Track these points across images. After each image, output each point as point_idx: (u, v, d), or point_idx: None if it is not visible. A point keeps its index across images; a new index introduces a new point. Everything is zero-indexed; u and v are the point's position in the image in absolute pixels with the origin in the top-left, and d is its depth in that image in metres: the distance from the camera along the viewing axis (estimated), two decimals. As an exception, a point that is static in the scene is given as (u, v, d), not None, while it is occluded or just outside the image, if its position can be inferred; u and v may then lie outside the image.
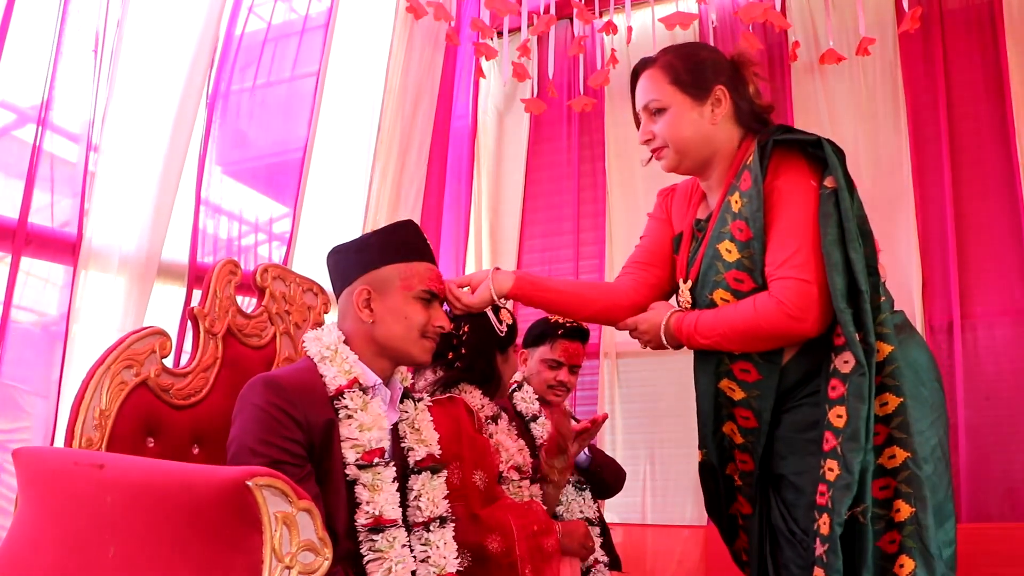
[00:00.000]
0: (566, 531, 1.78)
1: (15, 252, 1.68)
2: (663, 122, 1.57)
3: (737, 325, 1.46)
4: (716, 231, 1.53)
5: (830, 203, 1.41)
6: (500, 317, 1.84)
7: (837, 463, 1.34)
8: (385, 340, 1.46)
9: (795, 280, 1.39)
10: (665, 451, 3.18)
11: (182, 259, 2.13)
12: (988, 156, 2.87)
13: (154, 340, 1.45)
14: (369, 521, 1.34)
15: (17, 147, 1.74)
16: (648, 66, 1.61)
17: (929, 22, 2.96)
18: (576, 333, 2.28)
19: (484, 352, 1.83)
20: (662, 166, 1.62)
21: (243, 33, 2.36)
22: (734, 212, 1.49)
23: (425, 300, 1.49)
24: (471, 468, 1.65)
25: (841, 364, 1.39)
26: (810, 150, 1.47)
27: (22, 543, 1.16)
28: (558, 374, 2.24)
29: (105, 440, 1.32)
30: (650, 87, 1.59)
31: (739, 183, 1.50)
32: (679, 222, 1.71)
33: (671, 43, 1.70)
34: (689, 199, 1.71)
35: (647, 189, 3.38)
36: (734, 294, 1.48)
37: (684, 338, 1.54)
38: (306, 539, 1.01)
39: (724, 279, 1.49)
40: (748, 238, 1.46)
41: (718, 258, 1.51)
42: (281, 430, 1.28)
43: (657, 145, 1.59)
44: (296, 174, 2.60)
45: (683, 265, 1.62)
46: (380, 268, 1.48)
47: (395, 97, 3.02)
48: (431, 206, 3.29)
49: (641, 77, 1.62)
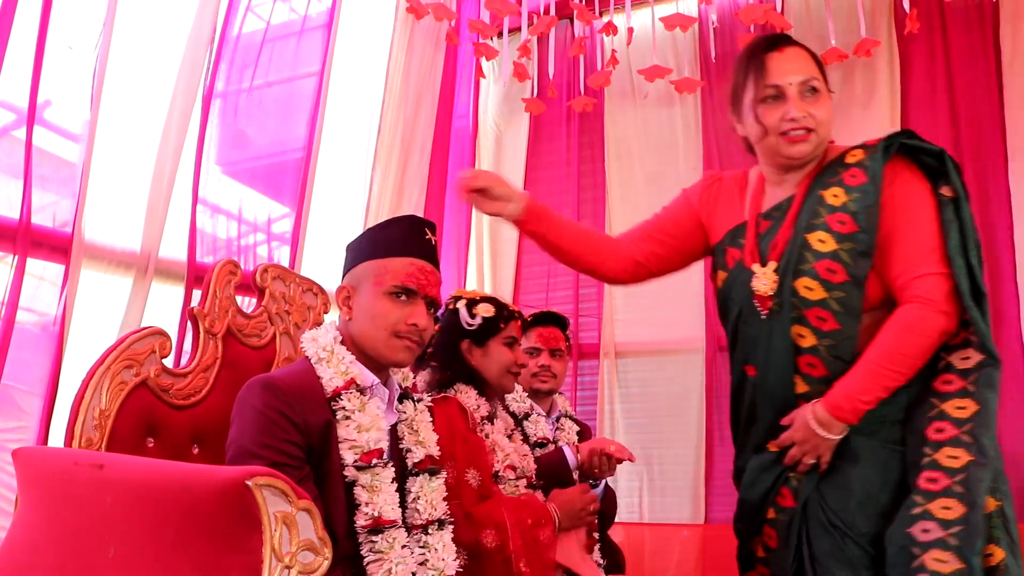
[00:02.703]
0: (564, 510, 1.76)
1: (20, 253, 1.68)
2: (819, 105, 1.51)
3: (900, 351, 1.42)
4: (804, 221, 1.51)
5: (950, 210, 1.45)
6: (474, 312, 1.84)
7: (964, 450, 1.37)
8: (359, 339, 1.44)
9: (938, 275, 1.42)
10: (664, 451, 3.18)
11: (182, 259, 2.13)
12: (988, 156, 2.87)
13: (154, 340, 1.45)
14: (368, 522, 1.33)
15: (17, 147, 1.74)
16: (793, 43, 1.55)
17: (929, 22, 2.97)
18: (546, 318, 2.32)
19: (449, 346, 1.83)
20: (795, 151, 1.52)
21: (240, 33, 2.36)
22: (831, 205, 1.48)
23: (397, 296, 1.42)
24: (464, 467, 1.64)
25: (958, 361, 1.43)
26: (926, 159, 1.49)
27: (22, 543, 1.16)
28: (538, 360, 2.26)
29: (105, 440, 1.32)
30: (809, 65, 1.52)
31: (840, 178, 1.50)
32: (727, 213, 1.67)
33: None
34: (741, 190, 1.68)
35: (647, 189, 3.39)
36: (823, 284, 1.47)
37: (848, 410, 1.43)
38: (306, 539, 1.01)
39: (812, 268, 1.47)
40: (853, 231, 1.45)
41: (807, 248, 1.49)
42: (279, 432, 1.28)
43: (808, 126, 1.50)
44: (296, 174, 2.60)
45: (752, 251, 1.58)
46: (360, 265, 1.47)
47: (396, 97, 3.02)
48: (433, 206, 3.29)
49: (792, 51, 1.53)
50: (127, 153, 1.99)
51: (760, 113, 1.52)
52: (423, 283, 1.44)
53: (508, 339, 1.86)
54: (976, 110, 2.91)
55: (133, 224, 1.99)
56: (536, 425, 2.09)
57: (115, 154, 1.96)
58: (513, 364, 1.87)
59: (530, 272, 3.53)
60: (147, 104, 2.05)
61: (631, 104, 3.48)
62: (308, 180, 2.59)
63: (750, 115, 1.55)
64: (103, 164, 1.91)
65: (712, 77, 3.31)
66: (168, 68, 2.10)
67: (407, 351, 1.44)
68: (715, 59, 3.15)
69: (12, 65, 1.68)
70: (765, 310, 1.53)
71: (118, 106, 1.96)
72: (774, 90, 1.50)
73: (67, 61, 1.85)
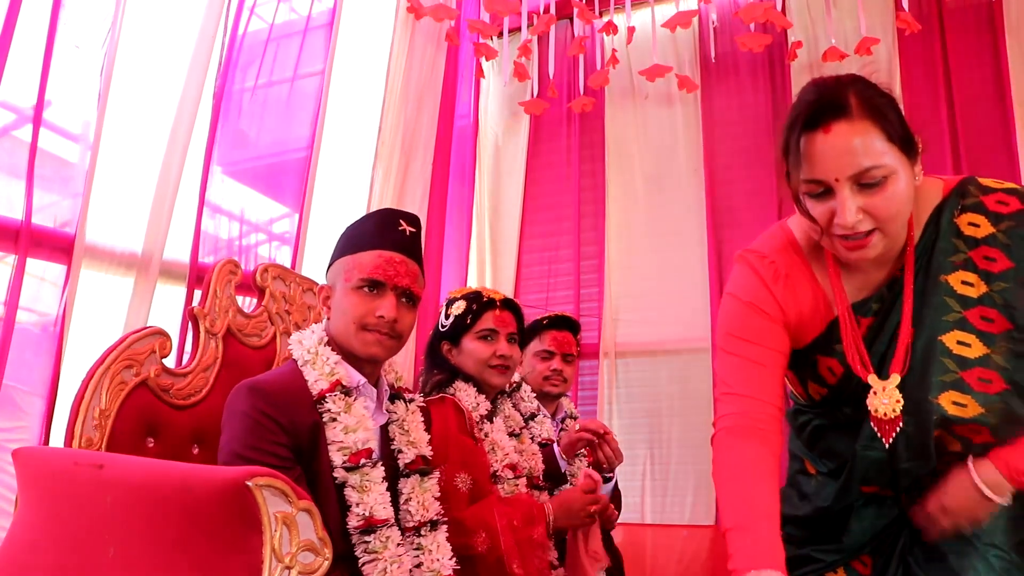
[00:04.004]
0: (561, 508, 1.73)
1: (21, 253, 1.68)
2: (885, 195, 1.12)
3: None
4: (931, 320, 1.19)
5: None
6: (448, 312, 1.86)
7: None
8: (336, 337, 1.44)
9: None
10: (665, 451, 3.18)
11: (183, 259, 2.13)
12: (988, 157, 2.87)
13: (154, 340, 1.45)
14: (360, 523, 1.32)
15: (17, 147, 1.74)
16: (844, 115, 1.11)
17: (929, 22, 2.97)
18: (562, 322, 2.32)
19: (434, 348, 1.88)
20: (855, 257, 1.18)
21: (244, 33, 2.36)
22: (966, 297, 1.18)
23: (365, 290, 1.40)
24: (453, 471, 1.63)
25: None
26: None
27: (22, 543, 1.16)
28: (551, 364, 2.27)
29: (105, 440, 1.32)
30: (868, 147, 1.10)
31: (968, 259, 1.19)
32: (806, 308, 1.28)
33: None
34: (806, 268, 1.29)
35: (647, 189, 3.39)
36: (975, 396, 1.17)
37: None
38: (306, 539, 1.01)
39: (960, 379, 1.17)
40: (1006, 329, 1.16)
41: (947, 355, 1.18)
42: (267, 435, 1.28)
43: (868, 227, 1.13)
44: (297, 174, 2.60)
45: (854, 354, 1.23)
46: (335, 263, 1.47)
47: (396, 97, 3.02)
48: (436, 207, 3.29)
49: (843, 128, 1.11)
50: (129, 153, 1.99)
51: (809, 205, 1.18)
52: (390, 274, 1.41)
53: (481, 332, 1.84)
54: (976, 110, 2.91)
55: (134, 224, 1.98)
56: (541, 426, 2.10)
57: (117, 154, 1.96)
58: (491, 357, 1.83)
59: (530, 272, 3.54)
60: (151, 105, 2.05)
61: (631, 104, 3.48)
62: (310, 180, 2.59)
63: (799, 199, 1.20)
64: (105, 164, 1.91)
65: (712, 77, 3.32)
66: (173, 68, 2.10)
67: (378, 344, 1.41)
68: (715, 59, 3.16)
69: (13, 65, 1.68)
70: (888, 438, 1.21)
71: (121, 106, 1.96)
72: (819, 186, 1.14)
73: (70, 61, 1.85)
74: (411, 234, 1.47)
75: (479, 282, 3.51)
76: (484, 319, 1.85)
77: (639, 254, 3.36)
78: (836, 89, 1.14)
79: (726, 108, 3.33)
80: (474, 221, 3.59)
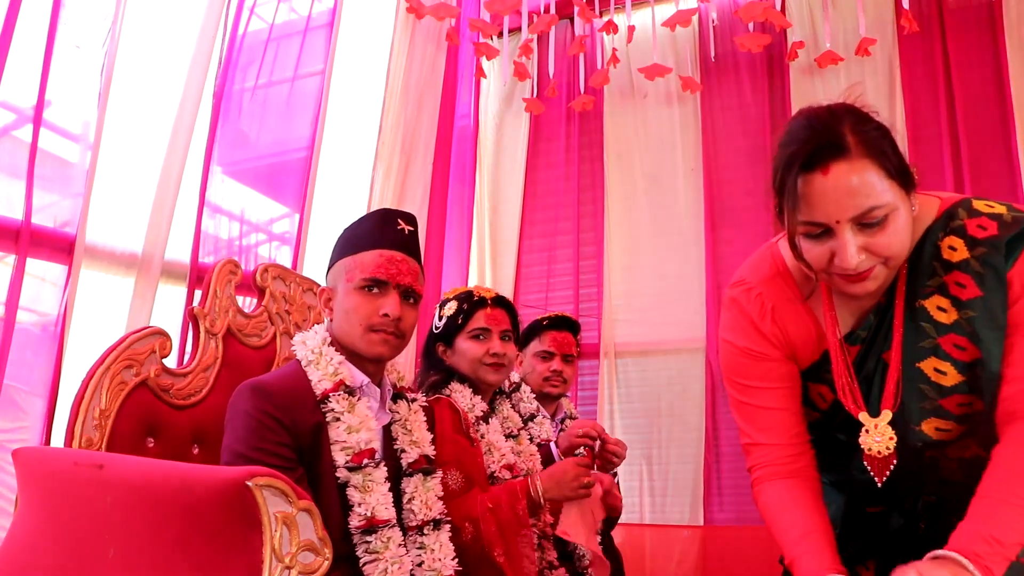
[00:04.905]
0: (551, 479, 1.65)
1: (21, 253, 1.68)
2: (887, 232, 1.09)
3: None
4: (909, 349, 1.16)
5: None
6: (441, 313, 1.87)
7: None
8: (340, 338, 1.44)
9: None
10: (664, 451, 3.18)
11: (183, 259, 2.13)
12: (988, 157, 2.87)
13: (154, 340, 1.45)
14: (362, 523, 1.33)
15: (17, 147, 1.74)
16: (842, 155, 1.07)
17: (929, 22, 2.97)
18: (562, 322, 2.32)
19: (430, 350, 1.89)
20: (856, 290, 1.15)
21: (244, 33, 2.36)
22: (940, 323, 1.15)
23: (368, 290, 1.41)
24: (445, 470, 1.62)
25: None
26: None
27: (22, 543, 1.16)
28: (551, 364, 2.27)
29: (105, 440, 1.32)
30: (868, 187, 1.07)
31: (942, 282, 1.15)
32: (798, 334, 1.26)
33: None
34: (794, 295, 1.26)
35: (647, 189, 3.39)
36: (957, 420, 1.16)
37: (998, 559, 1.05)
38: (306, 539, 1.01)
39: (939, 406, 1.16)
40: (976, 358, 1.13)
41: (926, 382, 1.16)
42: (269, 435, 1.28)
43: (871, 265, 1.11)
44: (297, 174, 2.60)
45: (845, 390, 1.21)
46: (335, 264, 1.47)
47: (397, 97, 3.02)
48: (436, 207, 3.29)
49: (843, 169, 1.07)
50: (129, 153, 2.00)
51: (804, 248, 1.15)
52: (393, 272, 1.42)
53: (474, 332, 1.84)
54: (976, 110, 2.91)
55: (135, 224, 1.99)
56: (540, 427, 2.09)
57: (118, 154, 1.96)
58: (485, 355, 1.82)
59: (530, 272, 3.54)
60: (151, 105, 2.05)
61: (631, 104, 3.48)
62: (310, 180, 2.59)
63: (794, 240, 1.16)
64: (106, 164, 1.91)
65: (712, 76, 3.32)
66: (173, 68, 2.10)
67: (384, 344, 1.42)
68: (714, 59, 3.16)
69: (13, 65, 1.68)
70: (881, 478, 1.19)
71: (121, 106, 1.96)
72: (818, 228, 1.11)
73: (70, 61, 1.85)
74: (410, 232, 1.48)
75: (479, 282, 3.51)
76: (476, 318, 1.84)
77: (639, 254, 3.36)
78: (831, 125, 1.10)
79: (726, 108, 3.33)
80: (474, 221, 3.59)
